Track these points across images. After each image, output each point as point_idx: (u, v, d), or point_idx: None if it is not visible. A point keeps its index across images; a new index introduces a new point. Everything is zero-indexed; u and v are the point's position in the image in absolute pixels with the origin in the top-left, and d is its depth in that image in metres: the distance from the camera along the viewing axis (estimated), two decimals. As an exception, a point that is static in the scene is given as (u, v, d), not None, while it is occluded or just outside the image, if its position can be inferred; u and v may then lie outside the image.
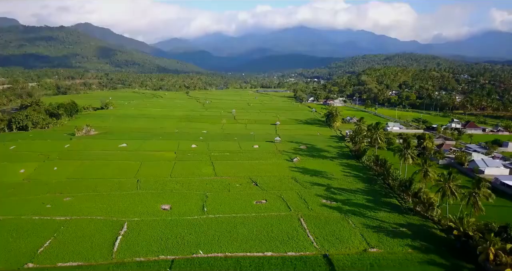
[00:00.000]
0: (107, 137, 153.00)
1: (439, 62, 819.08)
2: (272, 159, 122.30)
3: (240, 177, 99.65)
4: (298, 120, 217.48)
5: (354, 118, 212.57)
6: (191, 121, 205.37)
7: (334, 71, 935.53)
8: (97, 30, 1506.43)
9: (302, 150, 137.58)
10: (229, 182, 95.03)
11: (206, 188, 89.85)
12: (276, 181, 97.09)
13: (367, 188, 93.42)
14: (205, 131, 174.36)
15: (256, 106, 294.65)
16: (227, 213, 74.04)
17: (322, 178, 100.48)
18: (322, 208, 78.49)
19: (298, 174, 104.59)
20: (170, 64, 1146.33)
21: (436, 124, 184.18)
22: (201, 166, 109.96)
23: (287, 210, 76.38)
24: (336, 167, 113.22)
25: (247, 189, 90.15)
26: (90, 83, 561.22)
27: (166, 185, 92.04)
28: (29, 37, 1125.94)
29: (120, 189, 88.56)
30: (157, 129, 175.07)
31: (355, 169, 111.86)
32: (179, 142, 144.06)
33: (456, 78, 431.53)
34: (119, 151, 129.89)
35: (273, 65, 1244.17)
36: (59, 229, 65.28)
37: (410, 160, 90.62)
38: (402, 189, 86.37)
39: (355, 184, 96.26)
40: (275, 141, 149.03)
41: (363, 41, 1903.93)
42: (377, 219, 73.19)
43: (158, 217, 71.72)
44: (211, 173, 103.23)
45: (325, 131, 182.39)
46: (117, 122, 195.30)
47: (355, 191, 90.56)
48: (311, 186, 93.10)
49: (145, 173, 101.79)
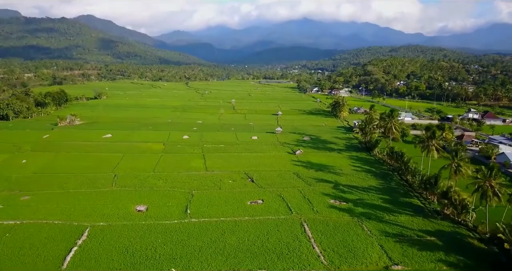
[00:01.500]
0: (92, 127, 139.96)
1: (446, 54, 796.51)
2: (272, 151, 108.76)
3: (234, 172, 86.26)
4: (302, 111, 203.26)
5: (362, 109, 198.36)
6: (186, 111, 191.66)
7: (338, 63, 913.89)
8: (99, 22, 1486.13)
9: (306, 141, 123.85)
10: (221, 178, 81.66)
11: (193, 185, 76.50)
12: (275, 176, 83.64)
13: (382, 185, 79.78)
14: (200, 121, 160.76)
15: (257, 96, 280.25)
16: (214, 217, 60.78)
17: (329, 173, 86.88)
18: (330, 210, 65.08)
19: (301, 168, 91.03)
20: (172, 56, 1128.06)
21: (452, 115, 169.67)
22: (191, 159, 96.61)
23: (287, 213, 63.06)
24: (344, 161, 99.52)
25: (241, 186, 76.73)
26: (89, 74, 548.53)
27: (146, 181, 78.81)
28: (30, 28, 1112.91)
29: (92, 185, 75.42)
30: (149, 119, 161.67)
31: (366, 163, 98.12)
32: (170, 133, 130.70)
33: (466, 68, 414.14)
34: (102, 142, 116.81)
35: (277, 57, 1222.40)
36: (3, 238, 52.22)
37: (435, 153, 76.38)
38: (424, 187, 72.70)
39: (368, 181, 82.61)
40: (276, 132, 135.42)
41: (368, 33, 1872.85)
42: (398, 224, 59.73)
43: (130, 221, 58.63)
44: (201, 167, 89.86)
45: (331, 122, 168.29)
46: (107, 112, 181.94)
47: (368, 188, 76.97)
48: (316, 183, 79.54)
49: (125, 167, 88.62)
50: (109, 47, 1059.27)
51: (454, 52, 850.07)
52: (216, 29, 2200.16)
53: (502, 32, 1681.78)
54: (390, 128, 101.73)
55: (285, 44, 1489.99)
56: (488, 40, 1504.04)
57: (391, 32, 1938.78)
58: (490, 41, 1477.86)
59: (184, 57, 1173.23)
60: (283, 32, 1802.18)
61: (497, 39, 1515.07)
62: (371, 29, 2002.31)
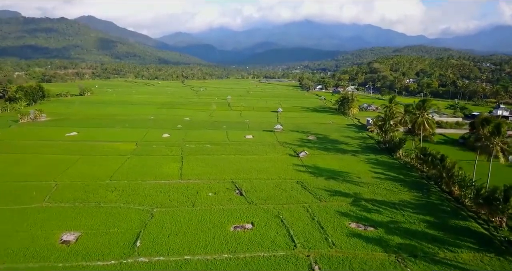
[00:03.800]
0: (58, 124, 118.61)
1: (452, 54, 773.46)
2: (269, 153, 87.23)
3: (217, 180, 64.81)
4: (305, 108, 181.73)
5: (372, 106, 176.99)
6: (174, 108, 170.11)
7: (341, 64, 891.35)
8: (100, 23, 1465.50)
9: (311, 141, 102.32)
10: (198, 189, 60.20)
11: (157, 200, 55.05)
12: (272, 187, 62.10)
13: (419, 200, 58.17)
14: (187, 118, 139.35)
15: (256, 94, 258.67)
16: (175, 253, 39.27)
17: (344, 183, 65.30)
18: (353, 240, 43.49)
19: (307, 175, 69.46)
20: (173, 57, 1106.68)
21: (478, 112, 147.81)
22: (164, 163, 75.12)
23: (288, 246, 41.53)
24: (361, 165, 77.90)
25: (224, 202, 55.22)
26: (83, 73, 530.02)
27: (95, 193, 57.35)
28: (29, 28, 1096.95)
29: (17, 199, 54.01)
30: (129, 116, 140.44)
31: (390, 168, 76.50)
32: (149, 131, 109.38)
33: (477, 66, 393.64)
34: (62, 141, 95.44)
35: (278, 58, 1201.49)
36: None
37: (501, 156, 54.28)
38: (484, 204, 51.05)
39: (397, 193, 60.99)
40: (275, 130, 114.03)
41: (370, 35, 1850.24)
42: (462, 267, 38.11)
43: (41, 263, 37.14)
44: (174, 174, 68.33)
45: (338, 119, 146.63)
46: (84, 108, 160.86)
47: (400, 205, 55.38)
48: (328, 197, 57.98)
49: (75, 173, 67.16)
50: (108, 47, 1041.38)
51: (461, 52, 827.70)
52: (218, 31, 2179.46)
53: (505, 34, 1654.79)
54: (421, 123, 79.47)
55: (287, 45, 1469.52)
56: (491, 42, 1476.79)
57: (393, 34, 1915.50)
58: (493, 43, 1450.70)
59: (185, 58, 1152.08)
60: (285, 34, 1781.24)
61: (501, 41, 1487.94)
62: (373, 31, 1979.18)
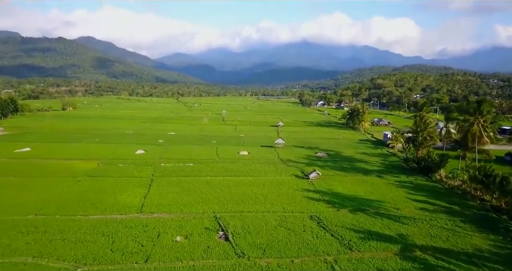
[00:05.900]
0: (13, 139, 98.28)
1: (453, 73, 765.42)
2: (269, 173, 66.73)
3: (193, 215, 44.20)
4: (308, 122, 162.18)
5: (384, 120, 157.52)
6: (161, 122, 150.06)
7: (340, 82, 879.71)
8: (99, 44, 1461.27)
9: (321, 158, 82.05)
10: (161, 229, 39.55)
11: (90, 250, 34.31)
12: (275, 226, 41.41)
13: (499, 247, 37.66)
14: (172, 132, 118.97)
15: (254, 109, 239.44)
16: None
17: (379, 218, 44.69)
18: None
19: (324, 206, 48.90)
20: (170, 76, 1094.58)
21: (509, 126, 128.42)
22: (125, 188, 54.55)
23: None
24: (394, 190, 57.47)
25: (197, 254, 34.41)
26: (75, 90, 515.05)
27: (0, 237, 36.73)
28: (27, 48, 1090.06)
29: None
30: (104, 131, 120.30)
31: (434, 195, 56.00)
32: (120, 146, 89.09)
33: (485, 82, 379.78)
34: (7, 158, 75.01)
35: (277, 78, 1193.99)
36: None
37: None
38: None
39: (464, 236, 40.35)
40: (275, 145, 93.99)
41: (367, 56, 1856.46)
42: None
43: None
44: (134, 204, 47.63)
45: (348, 134, 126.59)
46: (57, 122, 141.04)
47: (478, 257, 34.83)
48: (361, 243, 37.32)
49: (-11, 204, 46.61)
50: (104, 66, 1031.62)
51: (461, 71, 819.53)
52: (217, 52, 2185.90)
53: (501, 55, 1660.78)
54: (475, 134, 59.00)
55: (285, 66, 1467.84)
56: (488, 63, 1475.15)
57: (390, 55, 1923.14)
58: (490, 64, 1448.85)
59: (183, 77, 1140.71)
60: (283, 55, 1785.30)
61: (497, 62, 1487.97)
62: (370, 52, 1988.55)
